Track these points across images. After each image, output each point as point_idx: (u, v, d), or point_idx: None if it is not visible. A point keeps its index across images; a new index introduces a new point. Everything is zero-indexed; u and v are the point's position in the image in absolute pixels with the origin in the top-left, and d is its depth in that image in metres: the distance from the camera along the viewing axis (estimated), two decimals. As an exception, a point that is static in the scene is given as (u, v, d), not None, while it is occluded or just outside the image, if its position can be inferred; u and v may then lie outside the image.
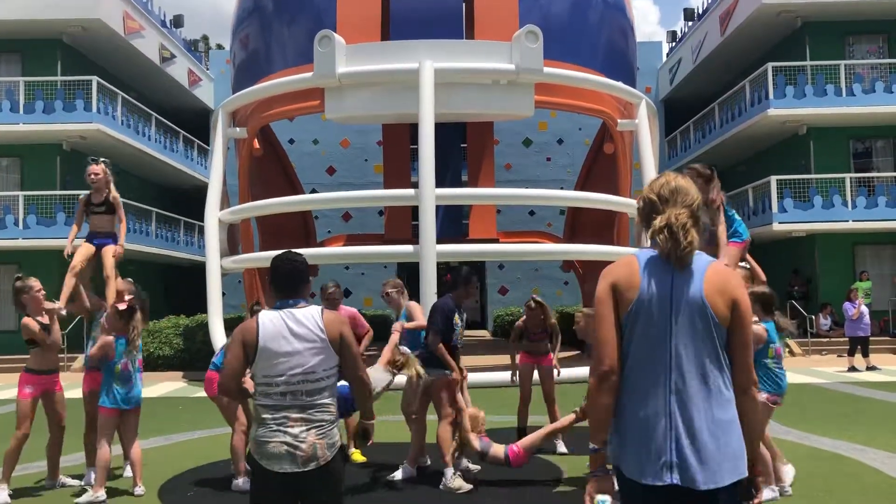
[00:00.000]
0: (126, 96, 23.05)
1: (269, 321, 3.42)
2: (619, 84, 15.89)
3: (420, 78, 13.68)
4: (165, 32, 26.78)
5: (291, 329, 3.39)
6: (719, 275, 2.56)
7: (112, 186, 7.43)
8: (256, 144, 17.00)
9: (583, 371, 8.75)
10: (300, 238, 19.38)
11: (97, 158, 7.51)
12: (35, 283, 6.42)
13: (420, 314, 7.14)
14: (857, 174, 21.15)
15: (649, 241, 2.66)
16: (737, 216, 6.16)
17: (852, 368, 15.09)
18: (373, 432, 3.99)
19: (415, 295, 12.66)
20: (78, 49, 23.05)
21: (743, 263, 6.27)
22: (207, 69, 31.43)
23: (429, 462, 6.95)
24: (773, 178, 20.56)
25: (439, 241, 13.87)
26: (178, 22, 29.37)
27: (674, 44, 31.15)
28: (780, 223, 20.24)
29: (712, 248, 6.30)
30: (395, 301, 7.40)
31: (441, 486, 6.11)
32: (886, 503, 5.52)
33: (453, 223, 19.57)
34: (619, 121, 16.12)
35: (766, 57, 23.07)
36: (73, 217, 20.26)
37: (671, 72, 29.59)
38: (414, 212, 16.13)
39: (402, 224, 18.79)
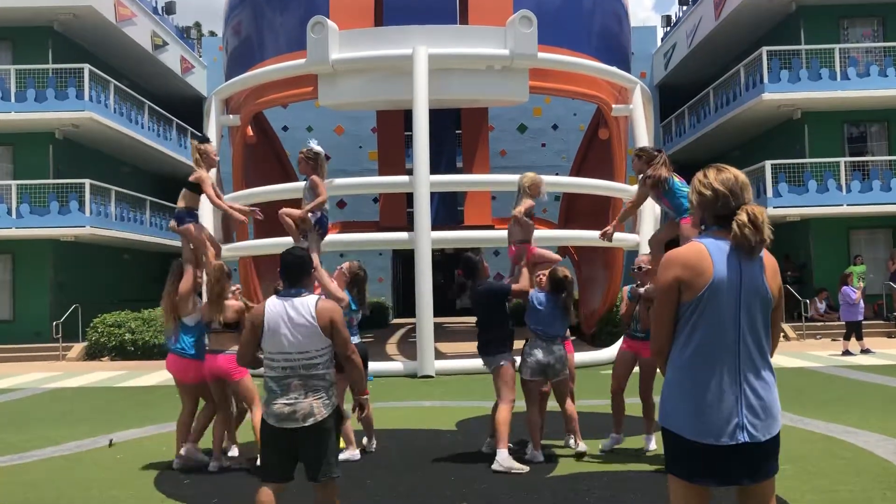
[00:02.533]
0: (118, 84, 22.91)
1: (273, 307, 4.22)
2: (614, 69, 15.85)
3: (414, 64, 13.62)
4: (157, 19, 26.60)
5: (289, 315, 4.16)
6: (770, 261, 3.00)
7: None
8: (250, 132, 16.94)
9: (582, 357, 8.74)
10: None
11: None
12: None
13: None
14: (852, 158, 21.15)
15: (700, 227, 3.04)
16: (685, 190, 6.18)
17: (846, 352, 15.14)
18: (367, 406, 4.54)
19: (410, 282, 12.68)
20: (69, 36, 22.88)
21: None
22: (200, 56, 31.27)
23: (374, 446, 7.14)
24: (768, 163, 20.56)
25: (434, 227, 13.86)
26: (169, 9, 29.18)
27: (668, 28, 31.07)
28: (774, 208, 20.25)
29: (674, 230, 6.51)
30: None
31: (495, 466, 6.17)
32: (879, 485, 5.55)
33: (448, 210, 19.55)
34: (613, 106, 16.09)
35: (761, 41, 23.02)
36: (66, 207, 20.05)
37: (666, 57, 29.51)
38: (409, 199, 16.11)
39: (397, 211, 18.77)
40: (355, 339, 6.87)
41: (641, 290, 6.75)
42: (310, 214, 7.03)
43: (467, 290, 6.96)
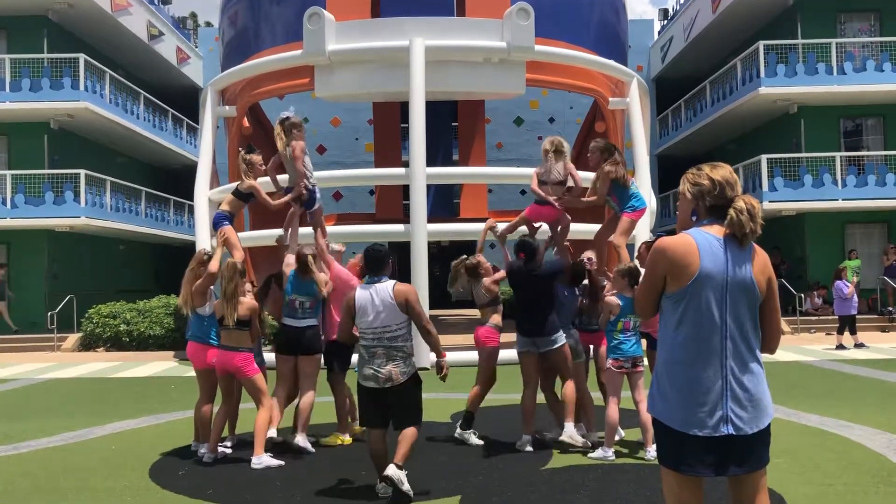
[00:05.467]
0: (114, 74, 22.81)
1: (361, 293, 5.33)
2: (611, 62, 15.82)
3: (410, 55, 13.58)
4: (153, 9, 26.48)
5: (373, 298, 5.25)
6: (760, 255, 3.00)
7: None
8: (246, 123, 16.89)
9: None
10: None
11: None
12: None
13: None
14: (848, 153, 21.18)
15: (695, 218, 3.06)
16: (632, 188, 6.72)
17: (840, 346, 15.19)
18: (447, 368, 5.38)
19: (405, 273, 12.69)
20: (64, 26, 22.77)
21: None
22: (196, 47, 31.14)
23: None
24: (764, 157, 20.58)
25: (430, 220, 13.84)
26: (165, -1, 29.06)
27: (665, 22, 31.03)
28: (770, 202, 20.28)
29: (615, 222, 6.90)
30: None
31: (563, 437, 6.63)
32: (872, 479, 5.58)
33: (444, 202, 19.54)
34: (610, 99, 16.07)
35: (758, 35, 23.01)
36: (61, 197, 20.02)
37: (663, 50, 29.49)
38: (405, 191, 16.09)
39: (394, 203, 18.75)
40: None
41: (585, 281, 6.96)
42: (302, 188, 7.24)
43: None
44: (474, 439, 6.98)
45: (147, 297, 19.44)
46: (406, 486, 5.11)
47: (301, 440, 6.78)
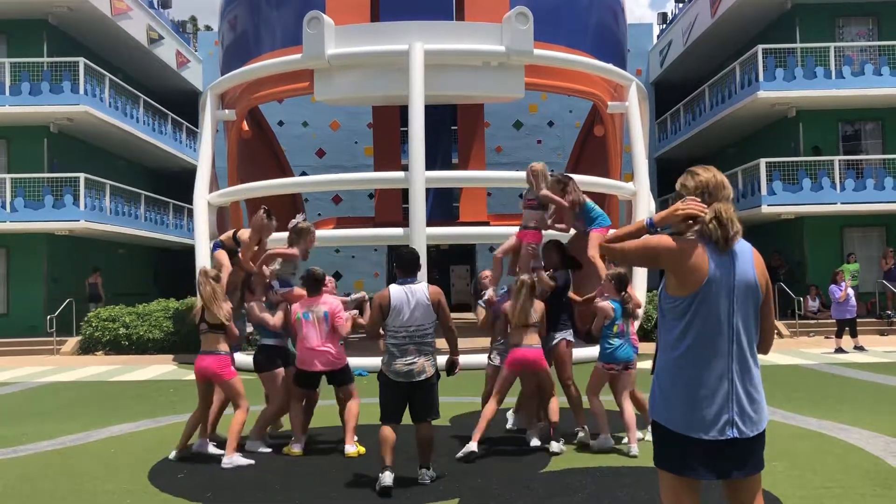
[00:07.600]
0: (114, 78, 22.84)
1: (397, 292, 5.56)
2: (610, 66, 15.85)
3: (410, 59, 13.62)
4: (153, 13, 26.53)
5: (409, 297, 5.54)
6: (759, 259, 3.06)
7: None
8: (245, 126, 16.92)
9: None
10: (290, 221, 19.31)
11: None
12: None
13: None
14: (846, 157, 21.21)
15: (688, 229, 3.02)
16: (596, 208, 7.14)
17: (839, 350, 15.21)
18: (458, 366, 5.85)
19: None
20: (64, 30, 22.80)
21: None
22: (196, 51, 31.18)
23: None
24: (763, 161, 20.61)
25: (430, 223, 13.86)
26: (165, 3, 29.11)
27: (664, 26, 31.09)
28: (768, 205, 20.32)
29: (584, 241, 7.22)
30: None
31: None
32: (870, 482, 5.59)
33: (444, 206, 19.56)
34: (609, 103, 16.10)
35: (757, 39, 23.06)
36: (60, 200, 19.99)
37: (661, 54, 29.54)
38: (404, 194, 16.11)
39: (393, 207, 18.77)
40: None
41: (492, 294, 7.40)
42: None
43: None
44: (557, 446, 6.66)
45: (146, 301, 19.45)
46: (434, 474, 5.79)
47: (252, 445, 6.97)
